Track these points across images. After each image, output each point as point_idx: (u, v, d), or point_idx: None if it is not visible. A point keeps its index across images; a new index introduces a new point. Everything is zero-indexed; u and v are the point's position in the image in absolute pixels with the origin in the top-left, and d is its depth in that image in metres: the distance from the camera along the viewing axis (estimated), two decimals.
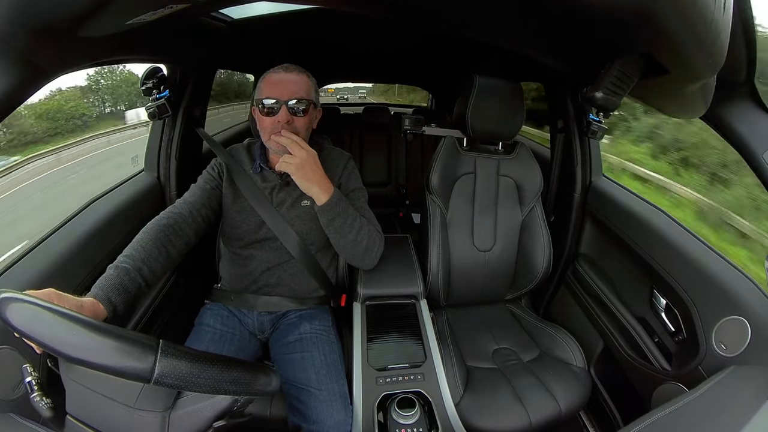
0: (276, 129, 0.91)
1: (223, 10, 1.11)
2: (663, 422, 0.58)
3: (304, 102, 0.92)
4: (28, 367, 0.53)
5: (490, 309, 1.39)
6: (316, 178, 0.90)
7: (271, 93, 0.91)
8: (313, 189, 0.90)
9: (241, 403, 0.58)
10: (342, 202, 0.94)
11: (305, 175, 0.89)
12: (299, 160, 0.88)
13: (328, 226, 0.95)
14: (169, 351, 0.46)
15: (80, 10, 0.50)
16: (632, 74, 0.52)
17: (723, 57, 0.50)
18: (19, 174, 5.79)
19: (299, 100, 0.91)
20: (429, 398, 0.88)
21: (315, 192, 0.91)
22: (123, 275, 0.70)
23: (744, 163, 0.76)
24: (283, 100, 0.90)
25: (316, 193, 0.91)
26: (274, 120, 0.91)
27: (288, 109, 0.91)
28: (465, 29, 0.73)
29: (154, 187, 1.27)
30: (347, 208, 0.95)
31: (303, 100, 0.92)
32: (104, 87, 8.02)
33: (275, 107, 0.90)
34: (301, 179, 0.89)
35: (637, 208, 1.17)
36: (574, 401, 1.02)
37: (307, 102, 0.93)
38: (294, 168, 0.88)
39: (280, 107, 0.90)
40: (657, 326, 1.06)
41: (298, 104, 0.91)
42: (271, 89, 0.91)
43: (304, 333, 1.01)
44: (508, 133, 1.29)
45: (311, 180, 0.90)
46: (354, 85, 9.63)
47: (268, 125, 0.93)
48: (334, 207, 0.92)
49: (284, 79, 0.92)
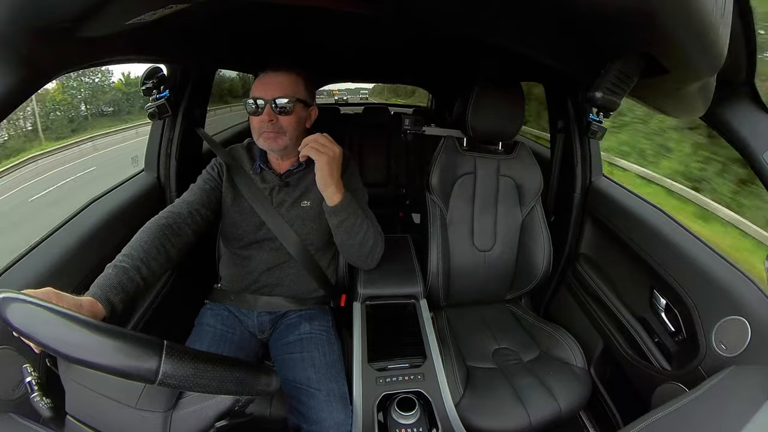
0: (263, 128, 0.92)
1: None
2: (663, 422, 0.58)
3: (288, 100, 0.92)
4: (28, 367, 0.53)
5: (490, 309, 1.39)
6: (337, 177, 0.90)
7: (257, 93, 0.92)
8: (330, 188, 0.90)
9: (242, 403, 0.58)
10: (353, 203, 0.94)
11: (331, 171, 0.89)
12: (333, 153, 0.88)
13: (338, 227, 0.95)
14: (174, 352, 0.46)
15: (80, 10, 0.50)
16: (632, 74, 0.52)
17: (723, 57, 0.50)
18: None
19: (283, 98, 0.91)
20: (429, 398, 0.88)
21: (331, 191, 0.91)
22: (121, 274, 0.70)
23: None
24: (267, 99, 0.91)
25: (331, 192, 0.91)
26: (260, 119, 0.92)
27: (272, 108, 0.91)
28: (464, 30, 0.73)
29: (154, 187, 1.27)
30: (356, 210, 0.95)
31: (287, 98, 0.92)
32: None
33: (261, 106, 0.91)
34: (327, 175, 0.89)
35: (637, 208, 1.17)
36: (574, 401, 1.02)
37: (293, 100, 0.93)
38: (326, 161, 0.88)
39: (265, 106, 0.91)
40: (657, 326, 1.06)
41: (284, 103, 0.92)
42: (257, 89, 0.92)
43: (303, 333, 1.01)
44: (508, 133, 1.29)
45: (333, 177, 0.90)
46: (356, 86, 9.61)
47: (256, 125, 0.94)
48: (346, 207, 0.92)
49: (270, 79, 0.93)
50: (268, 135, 0.93)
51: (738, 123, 0.76)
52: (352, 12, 0.87)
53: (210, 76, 1.42)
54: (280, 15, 1.11)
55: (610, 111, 0.68)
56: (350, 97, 8.15)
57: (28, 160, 5.10)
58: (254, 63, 1.79)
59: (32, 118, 5.39)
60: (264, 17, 1.11)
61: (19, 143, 5.16)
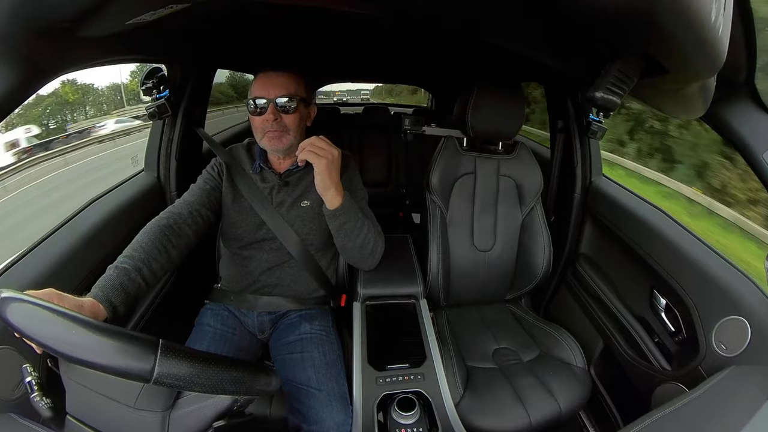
0: (266, 128, 0.92)
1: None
2: (663, 422, 0.58)
3: (291, 99, 0.92)
4: (28, 367, 0.53)
5: (490, 309, 1.39)
6: (336, 180, 0.90)
7: (259, 92, 0.92)
8: (330, 191, 0.89)
9: (241, 403, 0.58)
10: (353, 206, 0.94)
11: (331, 174, 0.88)
12: (331, 156, 0.87)
13: (339, 230, 0.94)
14: (170, 351, 0.46)
15: (80, 10, 0.50)
16: (632, 74, 0.52)
17: (723, 57, 0.50)
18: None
19: (286, 96, 0.92)
20: (429, 398, 0.88)
21: (331, 194, 0.90)
22: (123, 276, 0.70)
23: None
24: (270, 98, 0.91)
25: (331, 195, 0.90)
26: (264, 119, 0.92)
27: (276, 107, 0.91)
28: (464, 30, 0.73)
29: (154, 187, 1.27)
30: (357, 212, 0.95)
31: (290, 97, 0.92)
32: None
33: (264, 106, 0.91)
34: (327, 179, 0.87)
35: (637, 208, 1.17)
36: (574, 401, 1.02)
37: (295, 98, 0.93)
38: (325, 164, 0.86)
39: (268, 105, 0.91)
40: (657, 326, 1.06)
41: (286, 101, 0.92)
42: (259, 89, 0.92)
43: (304, 333, 1.01)
44: (508, 133, 1.29)
45: (333, 180, 0.89)
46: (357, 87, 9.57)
47: (258, 124, 0.93)
48: (346, 211, 0.92)
49: (272, 78, 0.93)
50: (272, 134, 0.93)
51: (738, 123, 0.76)
52: (352, 12, 0.87)
53: (210, 76, 1.42)
54: (280, 15, 1.11)
55: (610, 111, 0.68)
56: (350, 98, 8.09)
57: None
58: (254, 63, 1.79)
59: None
60: (264, 17, 1.11)
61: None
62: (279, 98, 0.91)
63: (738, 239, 3.45)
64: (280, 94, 0.91)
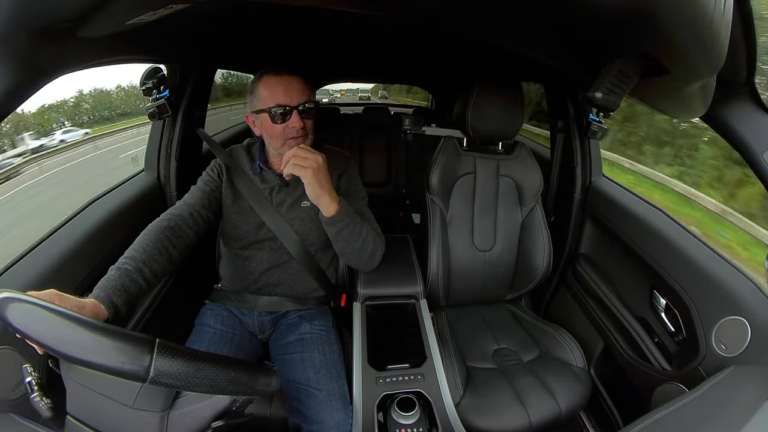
0: (290, 134, 0.91)
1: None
2: (663, 422, 0.58)
3: (311, 103, 0.93)
4: (28, 367, 0.53)
5: (490, 309, 1.39)
6: (328, 187, 0.88)
7: (280, 99, 0.90)
8: (323, 198, 0.88)
9: (240, 403, 0.57)
10: (350, 212, 0.93)
11: (320, 182, 0.86)
12: (316, 164, 0.85)
13: (337, 236, 0.94)
14: (166, 350, 0.46)
15: (80, 10, 0.50)
16: (632, 74, 0.52)
17: (723, 57, 0.50)
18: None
19: (308, 102, 0.92)
20: (429, 398, 0.88)
21: (325, 201, 0.88)
22: (124, 276, 0.70)
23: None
24: (293, 105, 0.90)
25: (326, 202, 0.88)
26: (286, 126, 0.91)
27: (299, 113, 0.91)
28: (464, 30, 0.73)
29: (154, 187, 1.27)
30: (354, 217, 0.94)
31: (311, 102, 0.93)
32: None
33: (288, 113, 0.90)
34: (317, 187, 0.85)
35: (637, 208, 1.17)
36: (574, 401, 1.02)
37: (313, 102, 0.94)
38: (311, 174, 0.84)
39: (291, 112, 0.90)
40: (657, 326, 1.06)
41: (308, 107, 0.92)
42: (278, 95, 0.90)
43: (304, 333, 1.01)
44: (508, 134, 1.29)
45: (324, 188, 0.87)
46: (357, 86, 9.56)
47: (280, 132, 0.92)
48: (343, 218, 0.91)
49: (289, 84, 0.91)
50: (297, 141, 0.92)
51: (738, 123, 0.76)
52: (352, 12, 0.87)
53: (210, 76, 1.42)
54: (280, 15, 1.11)
55: (610, 111, 0.68)
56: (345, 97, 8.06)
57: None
58: (254, 63, 1.79)
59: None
60: (264, 17, 1.11)
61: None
62: (301, 105, 0.91)
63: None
64: (303, 100, 0.91)
